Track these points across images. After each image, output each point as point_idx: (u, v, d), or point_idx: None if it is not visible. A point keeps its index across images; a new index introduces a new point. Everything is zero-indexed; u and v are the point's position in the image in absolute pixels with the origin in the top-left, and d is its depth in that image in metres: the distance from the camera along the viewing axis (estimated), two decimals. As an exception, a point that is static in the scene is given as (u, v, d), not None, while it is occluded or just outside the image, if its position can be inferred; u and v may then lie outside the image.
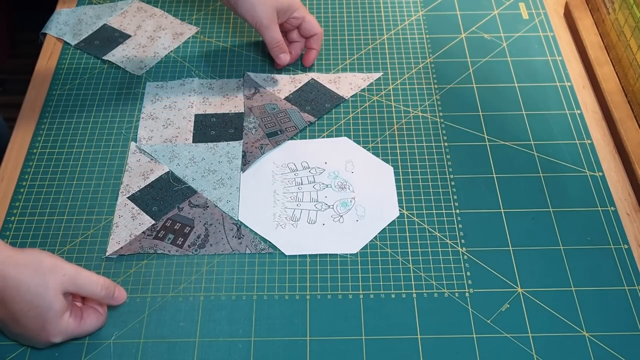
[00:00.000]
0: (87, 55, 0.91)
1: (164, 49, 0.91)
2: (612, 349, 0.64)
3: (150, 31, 0.93)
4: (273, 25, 0.83)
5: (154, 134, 0.81)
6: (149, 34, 0.93)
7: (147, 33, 0.93)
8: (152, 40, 0.92)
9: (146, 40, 0.92)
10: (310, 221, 0.73)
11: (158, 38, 0.92)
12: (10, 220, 0.74)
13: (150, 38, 0.92)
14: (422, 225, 0.73)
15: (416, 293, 0.68)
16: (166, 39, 0.92)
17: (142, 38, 0.92)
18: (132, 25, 0.94)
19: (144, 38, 0.92)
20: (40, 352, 0.64)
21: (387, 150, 0.80)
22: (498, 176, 0.77)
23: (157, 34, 0.93)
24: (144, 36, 0.93)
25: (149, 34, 0.93)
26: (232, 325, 0.66)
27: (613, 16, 0.87)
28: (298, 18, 0.85)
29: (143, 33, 0.93)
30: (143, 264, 0.70)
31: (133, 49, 0.91)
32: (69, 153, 0.80)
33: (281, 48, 0.85)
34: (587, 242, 0.71)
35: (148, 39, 0.92)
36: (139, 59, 0.89)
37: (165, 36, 0.92)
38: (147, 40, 0.92)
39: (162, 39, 0.92)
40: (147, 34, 0.93)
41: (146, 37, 0.92)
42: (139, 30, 0.93)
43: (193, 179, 0.77)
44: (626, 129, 0.79)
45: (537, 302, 0.67)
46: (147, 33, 0.93)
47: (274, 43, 0.84)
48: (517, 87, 0.86)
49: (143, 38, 0.92)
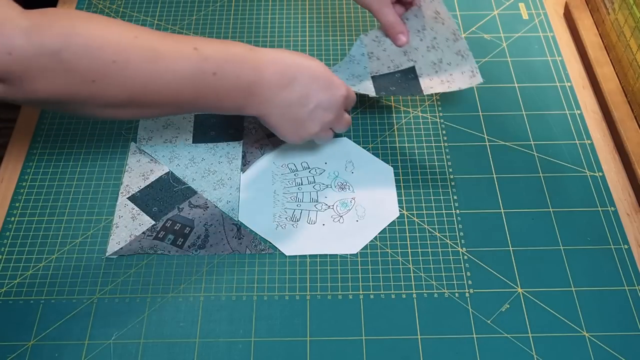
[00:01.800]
0: (87, 56, 0.91)
1: None
2: (612, 349, 0.64)
3: None
4: (385, 8, 0.79)
5: (153, 135, 0.81)
6: None
7: None
8: None
9: None
10: (310, 221, 0.73)
11: None
12: (10, 221, 0.74)
13: None
14: (422, 226, 0.73)
15: (416, 293, 0.68)
16: None
17: None
18: None
19: None
20: (40, 352, 0.64)
21: (387, 151, 0.80)
22: (498, 176, 0.77)
23: None
24: None
25: None
26: (232, 326, 0.66)
27: (613, 16, 0.87)
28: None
29: None
30: (143, 264, 0.70)
31: None
32: (69, 153, 0.80)
33: (396, 29, 0.80)
34: (587, 242, 0.71)
35: None
36: None
37: None
38: None
39: None
40: None
41: None
42: None
43: (193, 179, 0.77)
44: (626, 129, 0.79)
45: (537, 302, 0.67)
46: None
47: (389, 24, 0.80)
48: (517, 87, 0.86)
49: None
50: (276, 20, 0.96)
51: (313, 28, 0.95)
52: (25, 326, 0.66)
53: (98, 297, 0.68)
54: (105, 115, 0.59)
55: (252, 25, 0.95)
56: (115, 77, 0.55)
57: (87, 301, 0.67)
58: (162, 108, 0.61)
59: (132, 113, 0.60)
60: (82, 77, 0.54)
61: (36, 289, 0.68)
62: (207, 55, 0.61)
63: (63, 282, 0.69)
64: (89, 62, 0.54)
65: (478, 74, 0.75)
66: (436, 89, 0.77)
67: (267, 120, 0.68)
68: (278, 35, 0.94)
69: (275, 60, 0.65)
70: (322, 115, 0.69)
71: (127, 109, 0.59)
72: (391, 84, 0.79)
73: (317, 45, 0.92)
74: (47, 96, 0.53)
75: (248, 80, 0.63)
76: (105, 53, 0.54)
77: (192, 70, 0.60)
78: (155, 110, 0.61)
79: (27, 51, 0.50)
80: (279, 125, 0.68)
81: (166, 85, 0.59)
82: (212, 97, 0.62)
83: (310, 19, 0.96)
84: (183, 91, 0.60)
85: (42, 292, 0.68)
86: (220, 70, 0.61)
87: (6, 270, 0.70)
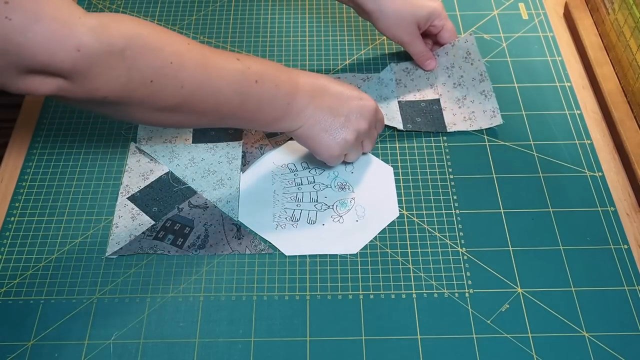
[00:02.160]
0: (87, 56, 0.91)
1: None
2: (612, 349, 0.64)
3: None
4: (415, 40, 0.83)
5: (153, 135, 0.81)
6: None
7: None
8: None
9: None
10: (310, 221, 0.73)
11: None
12: (10, 221, 0.74)
13: None
14: (422, 226, 0.73)
15: (416, 293, 0.68)
16: None
17: None
18: None
19: None
20: (40, 352, 0.64)
21: (387, 151, 0.80)
22: (498, 176, 0.77)
23: None
24: None
25: None
26: (232, 326, 0.66)
27: (613, 16, 0.87)
28: (437, 27, 0.85)
29: None
30: (143, 264, 0.70)
31: None
32: (69, 153, 0.80)
33: (426, 57, 0.85)
34: (587, 242, 0.71)
35: None
36: None
37: None
38: None
39: None
40: None
41: None
42: None
43: (193, 179, 0.77)
44: (626, 130, 0.79)
45: (537, 302, 0.67)
46: None
47: (419, 55, 0.85)
48: (517, 87, 0.86)
49: None
50: (276, 20, 0.96)
51: (313, 28, 0.95)
52: (25, 326, 0.66)
53: (98, 297, 0.68)
54: (153, 120, 0.61)
55: (252, 25, 0.95)
56: (171, 78, 0.57)
57: (87, 301, 0.67)
58: (206, 116, 0.63)
59: (178, 119, 0.62)
60: (142, 76, 0.56)
61: (36, 289, 0.68)
62: (249, 65, 0.63)
63: (63, 282, 0.69)
64: (150, 62, 0.56)
65: (499, 114, 0.81)
66: (459, 127, 0.81)
67: (302, 133, 0.69)
68: (278, 35, 0.94)
69: (305, 72, 0.69)
70: (357, 122, 0.70)
71: (175, 114, 0.61)
72: (417, 114, 0.82)
73: (317, 45, 0.92)
74: (106, 94, 0.55)
75: (285, 89, 0.66)
76: (164, 54, 0.57)
77: (237, 77, 0.62)
78: (198, 118, 0.63)
79: (94, 49, 0.52)
80: (314, 137, 0.69)
81: (214, 92, 0.61)
82: (254, 106, 0.64)
83: (310, 19, 0.96)
84: (229, 99, 0.62)
85: (42, 292, 0.68)
86: (261, 79, 0.64)
87: (6, 270, 0.70)
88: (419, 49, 0.84)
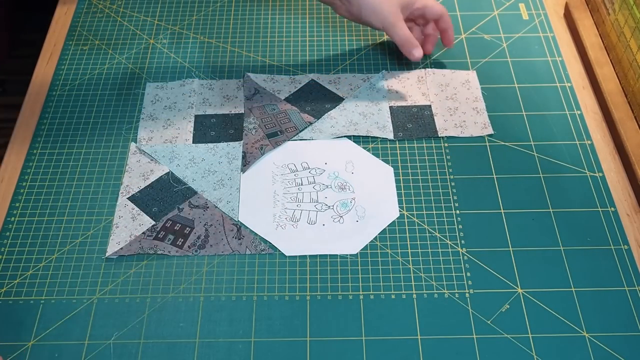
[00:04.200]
0: (87, 57, 0.91)
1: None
2: (612, 349, 0.64)
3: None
4: (399, 23, 0.82)
5: (154, 135, 0.81)
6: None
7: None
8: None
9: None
10: (310, 222, 0.73)
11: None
12: (10, 221, 0.74)
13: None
14: (422, 226, 0.73)
15: (416, 293, 0.68)
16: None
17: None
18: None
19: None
20: (40, 352, 0.64)
21: (387, 151, 0.80)
22: (498, 176, 0.77)
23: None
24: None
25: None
26: (232, 326, 0.66)
27: (613, 17, 0.87)
28: (420, 8, 0.85)
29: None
30: (143, 265, 0.70)
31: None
32: (69, 153, 0.80)
33: (411, 43, 0.83)
34: (587, 242, 0.71)
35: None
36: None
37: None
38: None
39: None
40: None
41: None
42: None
43: (193, 179, 0.77)
44: (626, 130, 0.79)
45: (537, 302, 0.67)
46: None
47: (403, 40, 0.83)
48: (517, 87, 0.86)
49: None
50: (276, 20, 0.96)
51: (313, 28, 0.95)
52: (25, 326, 0.66)
53: (98, 297, 0.68)
54: None
55: (252, 25, 0.95)
56: None
57: (87, 301, 0.67)
58: None
59: None
60: None
61: (36, 289, 0.68)
62: None
63: (63, 282, 0.69)
64: None
65: (489, 126, 0.82)
66: (450, 133, 0.81)
67: None
68: (278, 35, 0.94)
69: None
70: None
71: None
72: (408, 120, 0.83)
73: (317, 45, 0.92)
74: None
75: None
76: None
77: None
78: None
79: None
80: None
81: None
82: None
83: (311, 19, 0.96)
84: None
85: (42, 292, 0.68)
86: None
87: (6, 270, 0.70)
88: (404, 33, 0.83)
